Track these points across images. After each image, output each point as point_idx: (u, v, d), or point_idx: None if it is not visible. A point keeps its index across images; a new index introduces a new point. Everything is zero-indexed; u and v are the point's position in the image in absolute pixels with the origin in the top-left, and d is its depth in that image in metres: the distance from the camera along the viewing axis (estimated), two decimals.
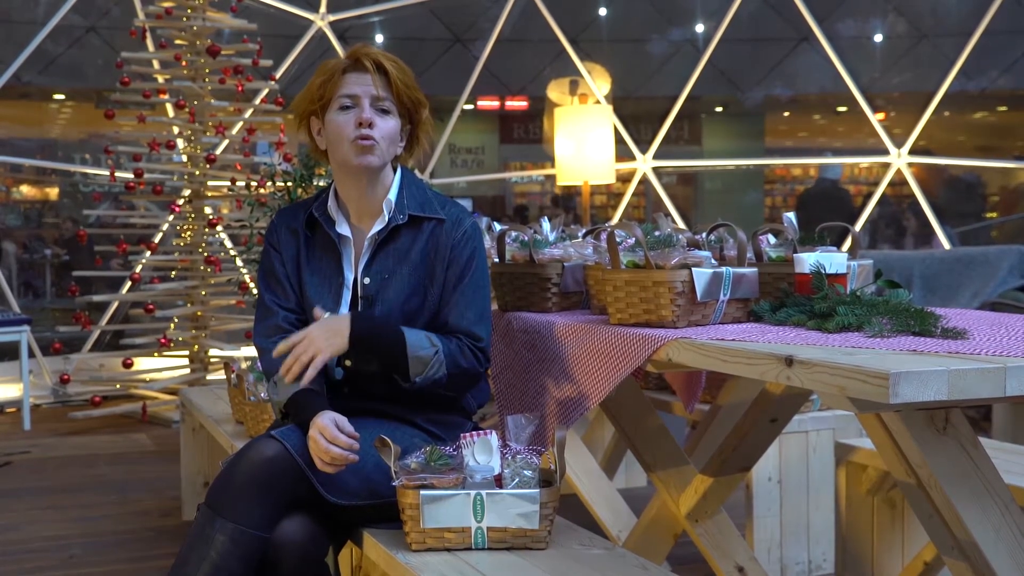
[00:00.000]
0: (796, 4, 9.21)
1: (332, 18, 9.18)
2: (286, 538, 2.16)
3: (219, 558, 2.10)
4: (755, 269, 2.33)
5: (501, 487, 2.16)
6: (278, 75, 8.34)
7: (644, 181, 9.67)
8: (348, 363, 2.38)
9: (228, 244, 7.28)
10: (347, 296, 2.40)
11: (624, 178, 9.87)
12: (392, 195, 2.40)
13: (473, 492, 2.13)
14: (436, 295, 2.38)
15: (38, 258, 11.25)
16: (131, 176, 6.55)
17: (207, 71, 6.74)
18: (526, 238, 2.78)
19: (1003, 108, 13.53)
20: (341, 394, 2.41)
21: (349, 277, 2.41)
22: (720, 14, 9.63)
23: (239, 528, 2.12)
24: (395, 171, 2.45)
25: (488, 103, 13.19)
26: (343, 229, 2.41)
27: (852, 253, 2.45)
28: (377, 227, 2.39)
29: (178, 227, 6.78)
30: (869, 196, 9.15)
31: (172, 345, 6.52)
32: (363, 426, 2.29)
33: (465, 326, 2.36)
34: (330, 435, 2.16)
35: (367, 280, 2.38)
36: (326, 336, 2.25)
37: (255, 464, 2.16)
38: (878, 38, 11.99)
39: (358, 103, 2.35)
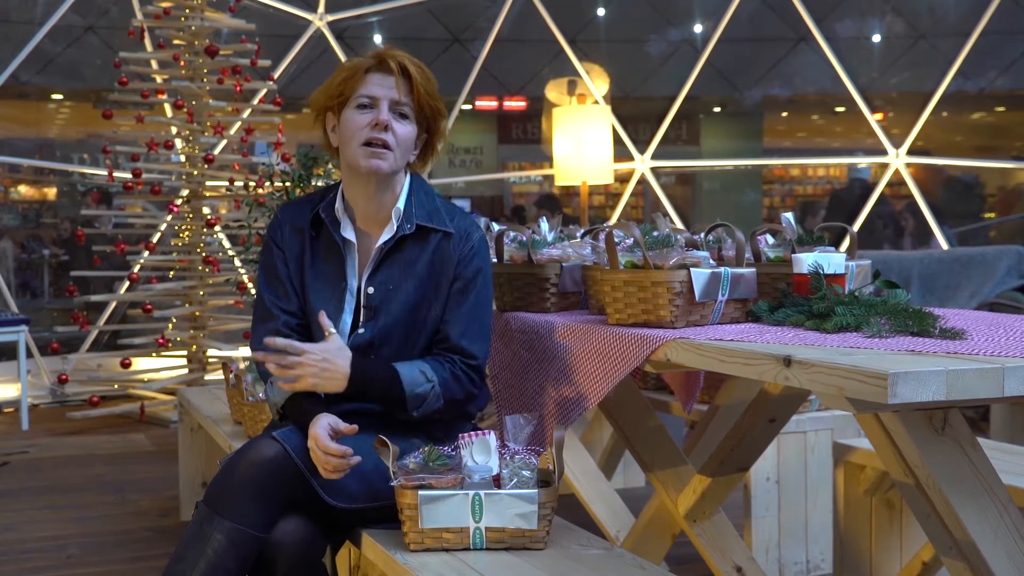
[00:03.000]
0: (794, 4, 9.21)
1: (330, 18, 9.18)
2: (283, 538, 2.16)
3: (215, 557, 2.10)
4: (753, 269, 2.34)
5: (499, 487, 2.16)
6: (276, 75, 8.34)
7: (642, 181, 9.67)
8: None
9: (226, 244, 7.27)
10: (351, 303, 2.36)
11: (622, 178, 9.87)
12: (401, 203, 2.35)
13: (471, 492, 2.13)
14: (440, 308, 2.35)
15: (36, 258, 11.23)
16: (129, 176, 6.55)
17: (205, 71, 6.74)
18: (524, 238, 2.78)
19: (1001, 108, 13.53)
20: (340, 396, 2.40)
21: (353, 284, 2.37)
22: (718, 14, 9.63)
23: (236, 527, 2.12)
24: (405, 176, 2.41)
25: (486, 103, 13.18)
26: (348, 233, 2.37)
27: (850, 253, 2.45)
28: (384, 236, 2.34)
29: (176, 227, 6.78)
30: (869, 196, 9.16)
31: (170, 345, 6.52)
32: (363, 428, 2.28)
33: (465, 344, 2.33)
34: (322, 446, 2.15)
35: (371, 290, 2.34)
36: (321, 374, 2.21)
37: (254, 464, 2.16)
38: (876, 38, 11.99)
39: (377, 104, 2.30)
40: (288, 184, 4.79)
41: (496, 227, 2.99)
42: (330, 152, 2.43)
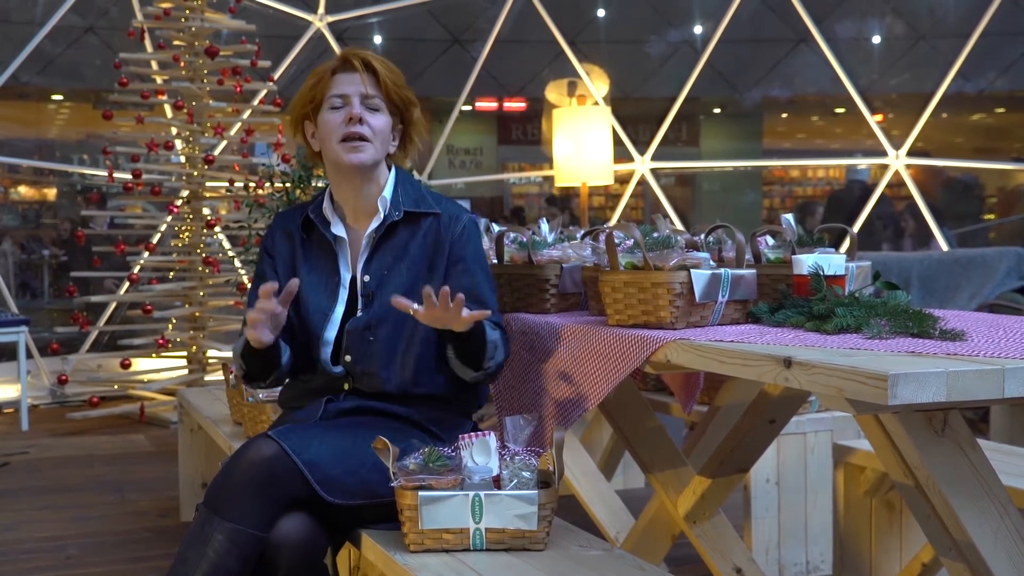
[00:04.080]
0: (794, 5, 9.21)
1: (330, 19, 9.18)
2: (284, 538, 2.17)
3: (217, 557, 2.11)
4: (753, 270, 2.34)
5: (499, 488, 2.16)
6: (276, 76, 8.34)
7: (642, 182, 9.67)
8: (348, 358, 2.38)
9: (226, 245, 7.28)
10: (343, 295, 2.43)
11: (622, 179, 9.87)
12: (387, 192, 2.44)
13: (471, 493, 2.13)
14: (436, 289, 2.39)
15: (36, 259, 11.23)
16: (129, 177, 6.55)
17: (205, 72, 6.73)
18: (524, 239, 2.78)
19: (1001, 110, 13.53)
20: (341, 393, 2.41)
21: (346, 277, 2.44)
22: (718, 15, 9.63)
23: (237, 528, 2.12)
24: (389, 170, 2.49)
25: (486, 104, 13.18)
26: (338, 230, 2.45)
27: (850, 255, 2.45)
28: (374, 224, 2.42)
29: (176, 228, 6.78)
30: (868, 197, 9.17)
31: (170, 346, 6.52)
32: (362, 425, 2.30)
33: (496, 321, 2.41)
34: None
35: (367, 278, 2.41)
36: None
37: (253, 464, 2.17)
38: (876, 39, 11.99)
39: (348, 102, 2.39)
40: (288, 185, 4.79)
41: (496, 228, 2.99)
42: (314, 158, 2.53)
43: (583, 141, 6.75)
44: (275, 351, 2.36)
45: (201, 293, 6.65)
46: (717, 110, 14.12)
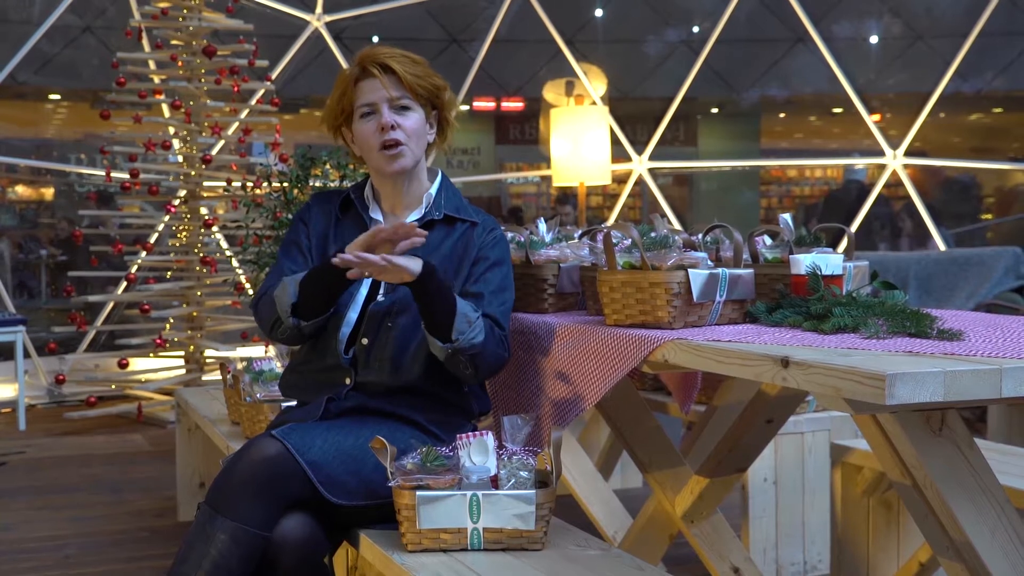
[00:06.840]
0: (792, 5, 9.22)
1: (328, 18, 9.17)
2: (286, 537, 2.17)
3: (219, 556, 2.11)
4: (751, 270, 2.34)
5: (497, 488, 2.16)
6: (274, 75, 8.33)
7: (640, 182, 9.68)
8: (365, 341, 2.38)
9: (224, 245, 7.27)
10: (368, 278, 2.43)
11: (620, 179, 9.87)
12: (433, 191, 2.49)
13: (469, 493, 2.13)
14: (458, 289, 2.42)
15: (33, 258, 11.22)
16: (127, 176, 6.55)
17: (203, 71, 6.73)
18: (522, 239, 2.78)
19: (998, 110, 13.53)
20: (343, 389, 2.41)
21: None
22: (716, 15, 9.64)
23: (239, 527, 2.12)
24: (433, 175, 2.54)
25: (484, 104, 13.17)
26: (376, 214, 2.50)
27: (848, 254, 2.45)
28: (413, 217, 2.47)
29: (174, 227, 6.77)
30: (865, 197, 9.17)
31: (168, 345, 6.51)
32: (364, 424, 2.30)
33: (492, 314, 2.40)
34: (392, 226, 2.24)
35: None
36: (402, 259, 2.24)
37: (256, 463, 2.17)
38: (874, 39, 11.99)
39: (376, 109, 2.42)
40: (286, 185, 4.79)
41: None
42: (357, 161, 2.56)
43: (581, 141, 6.75)
44: (343, 284, 2.34)
45: (199, 293, 6.65)
46: (715, 110, 14.12)
